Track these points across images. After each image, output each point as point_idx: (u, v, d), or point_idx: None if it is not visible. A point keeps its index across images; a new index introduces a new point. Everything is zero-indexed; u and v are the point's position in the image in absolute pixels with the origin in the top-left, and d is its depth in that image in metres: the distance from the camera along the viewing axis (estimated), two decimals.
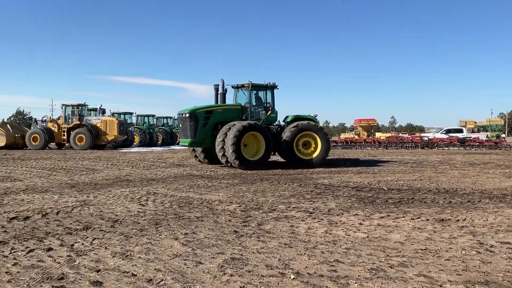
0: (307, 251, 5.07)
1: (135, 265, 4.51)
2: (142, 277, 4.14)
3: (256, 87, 16.78)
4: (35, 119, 37.60)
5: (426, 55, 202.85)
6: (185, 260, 4.69)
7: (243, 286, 3.94)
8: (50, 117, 34.36)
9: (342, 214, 7.33)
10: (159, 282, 4.00)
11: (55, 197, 8.98)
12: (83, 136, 30.64)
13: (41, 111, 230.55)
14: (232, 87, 17.37)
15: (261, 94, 17.09)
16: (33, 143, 30.52)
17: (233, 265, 4.51)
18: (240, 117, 16.30)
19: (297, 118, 16.73)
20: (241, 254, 4.91)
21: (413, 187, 10.75)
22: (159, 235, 5.81)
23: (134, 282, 4.00)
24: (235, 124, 15.06)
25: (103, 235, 5.77)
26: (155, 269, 4.38)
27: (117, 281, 4.03)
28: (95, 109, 35.54)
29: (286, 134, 16.00)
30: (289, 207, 7.96)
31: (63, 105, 32.80)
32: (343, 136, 55.25)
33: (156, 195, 9.37)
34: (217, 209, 7.69)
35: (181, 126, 16.25)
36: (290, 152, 16.11)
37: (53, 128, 31.98)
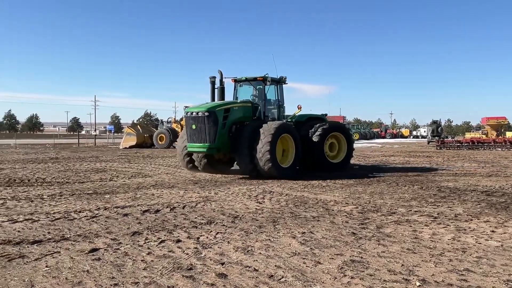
0: (433, 257, 4.77)
1: (256, 260, 4.65)
2: (263, 272, 4.26)
3: (271, 82, 13.87)
4: (161, 120, 40.85)
5: None
6: (304, 259, 4.71)
7: None
8: (174, 118, 37.01)
9: (471, 220, 6.76)
10: (280, 279, 4.07)
11: (181, 192, 9.66)
12: None
13: (166, 113, 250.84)
14: (235, 80, 14.39)
15: (271, 89, 14.22)
16: (160, 142, 33.13)
17: (353, 267, 4.42)
18: (250, 116, 13.43)
19: (311, 117, 14.73)
20: (361, 257, 4.79)
21: None
22: (277, 232, 5.92)
23: (256, 277, 4.12)
24: (261, 125, 12.43)
25: (225, 230, 6.05)
26: (275, 265, 4.47)
27: (241, 274, 4.20)
28: None
29: (315, 135, 13.77)
30: (410, 210, 7.57)
31: (185, 107, 35.06)
32: (468, 135, 50.88)
33: (271, 193, 9.57)
34: (333, 210, 7.61)
35: (193, 127, 12.58)
36: (321, 156, 13.82)
37: (176, 129, 34.40)
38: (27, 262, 4.58)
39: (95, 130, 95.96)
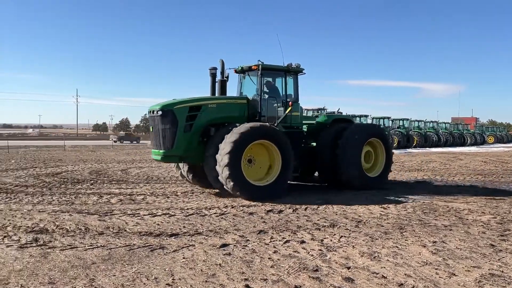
0: None
1: (384, 267, 4.51)
2: (392, 280, 4.12)
3: (269, 71, 10.57)
4: None
5: None
6: (436, 269, 4.45)
7: None
8: None
9: None
10: None
11: (302, 194, 9.76)
12: None
13: None
14: (236, 71, 11.27)
15: (278, 81, 11.02)
16: None
17: (492, 282, 4.06)
18: (244, 116, 10.38)
19: (336, 119, 11.66)
20: (502, 271, 4.38)
21: None
22: (405, 240, 5.67)
23: (385, 284, 4.00)
24: (233, 127, 9.35)
25: (349, 234, 5.97)
26: (405, 274, 4.29)
27: (368, 280, 4.11)
28: (333, 113, 37.22)
29: (348, 141, 10.61)
30: None
31: (305, 109, 35.52)
32: None
33: (397, 198, 9.19)
34: (467, 219, 7.05)
35: (151, 129, 10.12)
36: (355, 168, 10.57)
37: None
38: (167, 253, 5.03)
39: None
